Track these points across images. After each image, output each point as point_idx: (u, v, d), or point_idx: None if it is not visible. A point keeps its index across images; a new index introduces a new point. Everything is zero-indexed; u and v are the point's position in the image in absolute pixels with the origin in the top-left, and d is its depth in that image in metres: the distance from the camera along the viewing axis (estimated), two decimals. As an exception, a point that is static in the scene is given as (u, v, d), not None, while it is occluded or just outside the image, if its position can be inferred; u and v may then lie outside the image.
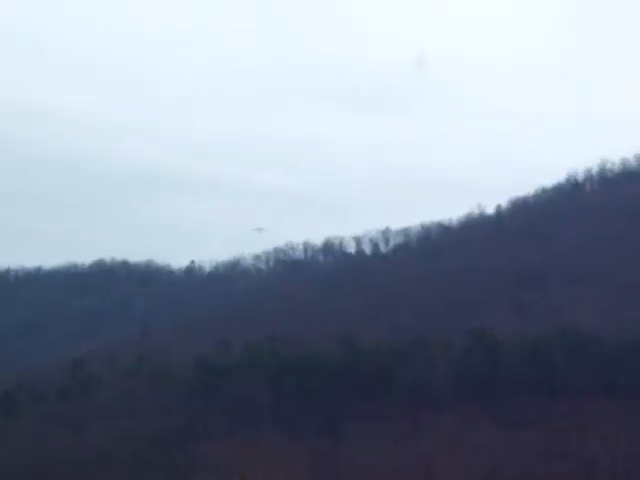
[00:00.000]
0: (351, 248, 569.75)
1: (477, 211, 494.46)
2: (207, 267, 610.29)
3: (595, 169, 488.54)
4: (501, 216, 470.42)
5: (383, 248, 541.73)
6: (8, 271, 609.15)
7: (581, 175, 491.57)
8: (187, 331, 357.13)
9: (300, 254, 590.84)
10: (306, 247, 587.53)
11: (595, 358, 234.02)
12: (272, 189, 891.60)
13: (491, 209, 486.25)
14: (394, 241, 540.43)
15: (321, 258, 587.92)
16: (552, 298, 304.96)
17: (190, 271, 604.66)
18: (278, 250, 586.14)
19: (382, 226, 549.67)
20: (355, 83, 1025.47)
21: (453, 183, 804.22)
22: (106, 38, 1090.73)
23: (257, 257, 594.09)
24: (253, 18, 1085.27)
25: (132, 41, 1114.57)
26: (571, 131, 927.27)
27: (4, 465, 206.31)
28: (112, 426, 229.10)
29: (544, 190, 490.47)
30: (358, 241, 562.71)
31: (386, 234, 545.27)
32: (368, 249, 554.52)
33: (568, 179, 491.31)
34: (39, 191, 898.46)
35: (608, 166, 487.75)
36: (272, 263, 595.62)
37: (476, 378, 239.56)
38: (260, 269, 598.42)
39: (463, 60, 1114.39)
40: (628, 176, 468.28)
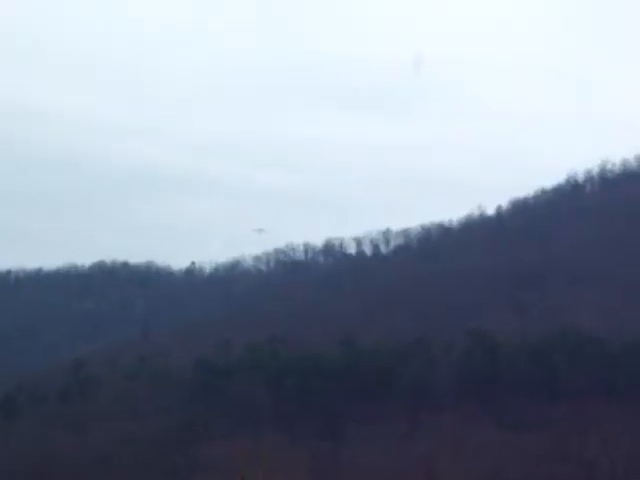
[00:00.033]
0: (351, 249, 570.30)
1: (477, 212, 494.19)
2: (207, 268, 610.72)
3: (595, 170, 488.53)
4: (501, 217, 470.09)
5: (383, 249, 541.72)
6: (9, 272, 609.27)
7: (581, 176, 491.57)
8: (187, 332, 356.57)
9: (300, 255, 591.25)
10: (306, 248, 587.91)
11: (595, 359, 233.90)
12: (272, 189, 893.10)
13: (491, 210, 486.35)
14: (394, 242, 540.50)
15: (321, 259, 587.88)
16: (552, 299, 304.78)
17: (190, 272, 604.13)
18: (278, 251, 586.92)
19: (382, 227, 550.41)
20: (355, 83, 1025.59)
21: (453, 183, 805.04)
22: (106, 38, 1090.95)
23: (257, 258, 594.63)
24: (253, 18, 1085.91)
25: (132, 41, 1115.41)
26: (571, 131, 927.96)
27: (4, 467, 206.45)
28: (112, 428, 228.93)
29: (544, 191, 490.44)
30: (358, 242, 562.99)
31: (386, 235, 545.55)
32: (368, 250, 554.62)
33: (568, 180, 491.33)
34: (39, 191, 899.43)
35: (608, 167, 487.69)
36: (272, 264, 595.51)
37: (476, 379, 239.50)
38: (260, 270, 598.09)
39: (463, 60, 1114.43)
40: (628, 177, 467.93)
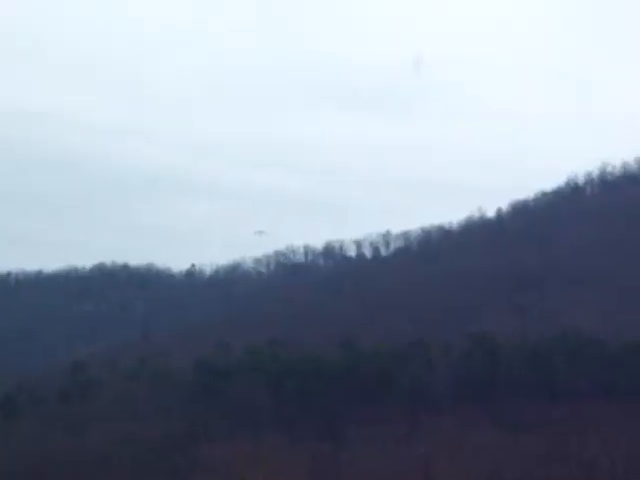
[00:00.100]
0: (351, 251, 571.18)
1: (477, 214, 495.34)
2: (207, 271, 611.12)
3: (595, 172, 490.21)
4: (501, 219, 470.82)
5: (383, 251, 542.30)
6: (9, 274, 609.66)
7: (581, 178, 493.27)
8: (187, 334, 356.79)
9: (301, 257, 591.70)
10: (307, 250, 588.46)
11: (595, 361, 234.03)
12: (272, 189, 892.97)
13: (491, 212, 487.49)
14: (394, 244, 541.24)
15: (322, 261, 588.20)
16: (552, 301, 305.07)
17: (190, 274, 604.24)
18: (279, 253, 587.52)
19: (382, 229, 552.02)
20: (355, 83, 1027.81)
21: (453, 185, 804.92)
22: (106, 38, 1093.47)
23: (258, 260, 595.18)
24: (253, 18, 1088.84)
25: (132, 41, 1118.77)
26: (571, 132, 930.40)
27: (4, 467, 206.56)
28: (112, 429, 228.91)
29: (544, 193, 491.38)
30: (358, 244, 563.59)
31: (386, 237, 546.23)
32: (368, 252, 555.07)
33: (568, 182, 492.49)
34: (39, 191, 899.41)
35: (608, 169, 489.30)
36: (273, 266, 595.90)
37: (476, 381, 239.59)
38: (261, 272, 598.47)
39: (463, 60, 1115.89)
40: (628, 179, 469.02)
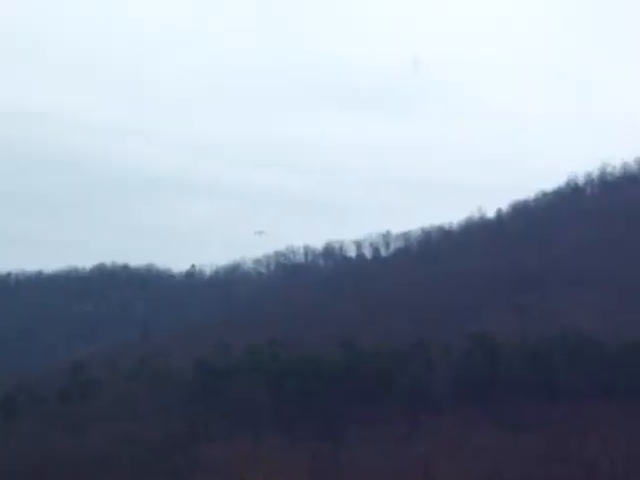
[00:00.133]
0: (351, 252, 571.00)
1: (477, 215, 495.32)
2: (207, 271, 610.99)
3: (595, 172, 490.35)
4: (501, 219, 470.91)
5: (383, 252, 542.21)
6: (9, 275, 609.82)
7: (581, 179, 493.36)
8: (187, 334, 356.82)
9: (301, 258, 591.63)
10: (307, 251, 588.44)
11: (595, 361, 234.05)
12: (272, 189, 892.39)
13: (491, 212, 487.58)
14: (394, 245, 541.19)
15: (322, 262, 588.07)
16: (552, 301, 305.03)
17: (191, 275, 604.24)
18: (279, 254, 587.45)
19: (382, 229, 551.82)
20: (355, 83, 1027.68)
21: (453, 185, 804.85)
22: (106, 38, 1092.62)
23: (258, 261, 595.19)
24: (253, 18, 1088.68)
25: (132, 41, 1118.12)
26: (571, 132, 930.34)
27: (4, 467, 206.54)
28: (112, 429, 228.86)
29: (544, 194, 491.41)
30: (358, 245, 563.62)
31: (386, 238, 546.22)
32: (368, 253, 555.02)
33: (568, 183, 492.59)
34: (39, 192, 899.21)
35: (608, 169, 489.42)
36: (273, 267, 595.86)
37: (476, 381, 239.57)
38: (261, 273, 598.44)
39: (463, 60, 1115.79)
40: (628, 179, 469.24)
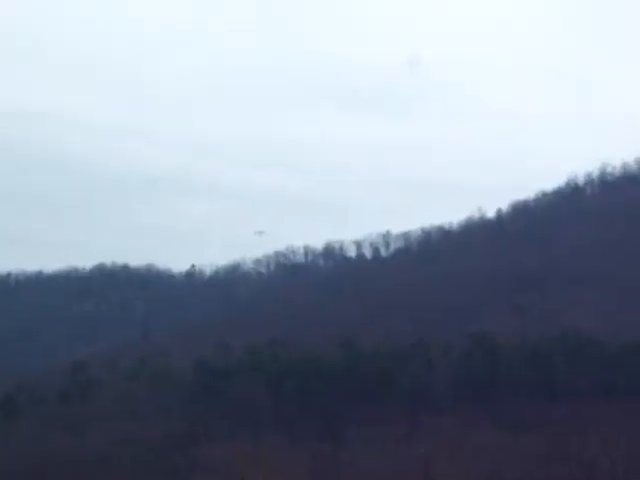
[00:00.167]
0: (351, 252, 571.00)
1: (477, 215, 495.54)
2: (208, 271, 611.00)
3: (596, 173, 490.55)
4: (501, 219, 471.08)
5: (383, 252, 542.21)
6: (9, 275, 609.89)
7: (581, 179, 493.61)
8: (187, 334, 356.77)
9: (301, 258, 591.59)
10: (307, 251, 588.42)
11: (595, 361, 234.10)
12: (272, 189, 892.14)
13: (491, 212, 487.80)
14: (394, 245, 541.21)
15: (322, 262, 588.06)
16: (552, 301, 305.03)
17: (191, 275, 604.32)
18: (279, 254, 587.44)
19: (382, 229, 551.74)
20: (355, 83, 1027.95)
21: (453, 185, 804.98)
22: (106, 38, 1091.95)
23: (258, 261, 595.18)
24: (253, 18, 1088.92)
25: (132, 41, 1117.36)
26: (571, 132, 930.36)
27: (4, 467, 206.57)
28: (112, 429, 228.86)
29: (544, 194, 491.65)
30: (358, 245, 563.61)
31: (386, 238, 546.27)
32: (369, 253, 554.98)
33: (568, 182, 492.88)
34: (39, 191, 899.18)
35: (609, 170, 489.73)
36: (273, 267, 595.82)
37: (476, 381, 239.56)
38: (261, 273, 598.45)
39: (463, 60, 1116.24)
40: (628, 179, 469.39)
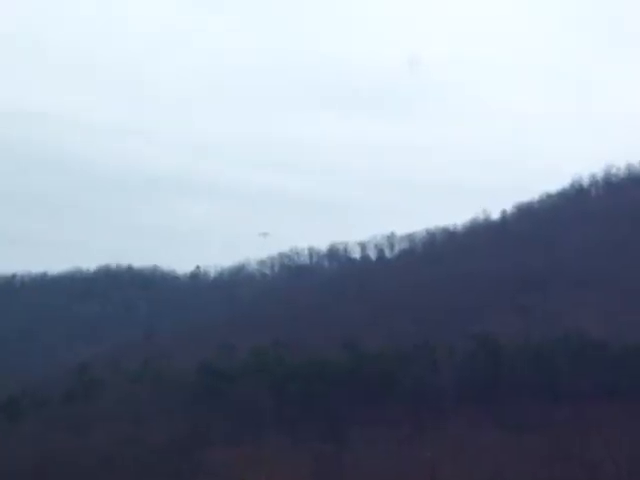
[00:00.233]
0: (356, 253, 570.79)
1: (482, 216, 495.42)
2: (212, 272, 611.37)
3: (600, 174, 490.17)
4: (506, 221, 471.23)
5: (388, 253, 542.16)
6: (14, 276, 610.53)
7: (586, 180, 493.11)
8: (191, 336, 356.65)
9: (305, 259, 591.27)
10: (311, 252, 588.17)
11: (598, 362, 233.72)
12: (272, 190, 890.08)
13: (496, 214, 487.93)
14: (399, 246, 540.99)
15: (326, 263, 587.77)
16: (556, 302, 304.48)
17: (195, 276, 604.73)
18: (283, 255, 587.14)
19: (387, 231, 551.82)
20: (355, 83, 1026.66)
21: (455, 186, 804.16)
22: (106, 38, 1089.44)
23: (262, 262, 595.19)
24: (253, 18, 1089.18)
25: (132, 41, 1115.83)
26: (573, 132, 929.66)
27: (7, 467, 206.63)
28: (115, 430, 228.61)
29: (549, 195, 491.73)
30: (363, 246, 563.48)
31: (391, 239, 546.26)
32: (373, 254, 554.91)
33: (573, 184, 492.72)
34: (39, 192, 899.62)
35: (613, 171, 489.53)
36: (277, 268, 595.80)
37: (479, 382, 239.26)
38: (265, 274, 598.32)
39: (463, 60, 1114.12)
40: (633, 181, 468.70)
